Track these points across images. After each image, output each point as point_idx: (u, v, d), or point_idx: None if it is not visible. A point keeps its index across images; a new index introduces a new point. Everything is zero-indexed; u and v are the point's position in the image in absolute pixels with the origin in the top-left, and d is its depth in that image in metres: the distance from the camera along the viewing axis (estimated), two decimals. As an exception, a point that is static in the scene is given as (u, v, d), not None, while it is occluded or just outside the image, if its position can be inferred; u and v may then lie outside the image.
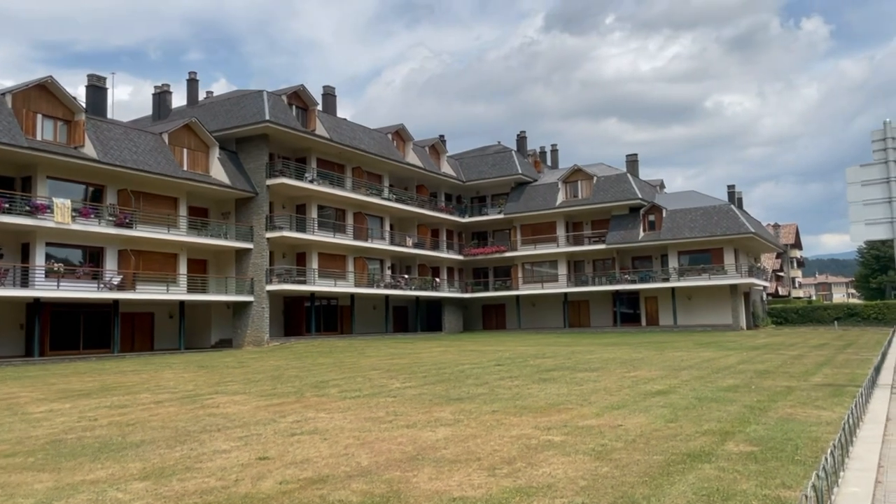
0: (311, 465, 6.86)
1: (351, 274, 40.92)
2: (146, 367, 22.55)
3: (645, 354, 21.33)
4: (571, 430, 8.34)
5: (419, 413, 10.06)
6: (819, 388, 11.85)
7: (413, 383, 14.38)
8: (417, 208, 46.68)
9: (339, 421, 9.57)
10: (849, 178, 11.69)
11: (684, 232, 43.63)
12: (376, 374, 16.73)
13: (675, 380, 13.81)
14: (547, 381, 14.21)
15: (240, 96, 37.93)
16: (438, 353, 24.32)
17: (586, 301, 48.44)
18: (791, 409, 9.65)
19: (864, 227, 11.55)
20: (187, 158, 34.12)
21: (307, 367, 19.83)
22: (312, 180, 38.19)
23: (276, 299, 38.91)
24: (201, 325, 36.87)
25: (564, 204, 48.19)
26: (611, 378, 14.48)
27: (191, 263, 35.04)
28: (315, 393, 13.14)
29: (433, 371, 17.15)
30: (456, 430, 8.50)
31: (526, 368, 17.26)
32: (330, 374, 17.42)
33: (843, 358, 18.78)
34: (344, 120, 43.00)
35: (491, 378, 14.99)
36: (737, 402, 10.41)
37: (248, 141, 36.53)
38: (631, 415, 9.39)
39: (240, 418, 10.16)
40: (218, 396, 13.10)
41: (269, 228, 35.88)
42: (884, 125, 11.37)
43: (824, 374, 14.51)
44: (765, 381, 13.33)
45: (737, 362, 17.77)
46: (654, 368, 16.50)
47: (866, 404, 9.30)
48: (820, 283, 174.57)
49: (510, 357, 21.31)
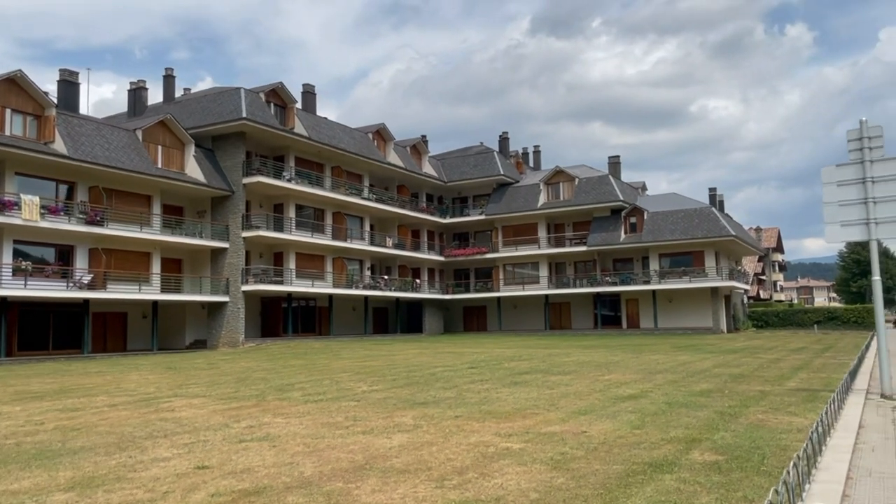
0: (251, 475, 6.44)
1: (329, 274, 40.42)
2: (113, 368, 21.97)
3: (621, 357, 21.05)
4: (533, 436, 7.97)
5: (380, 418, 9.66)
6: (793, 393, 11.58)
7: (380, 386, 13.97)
8: (398, 209, 46.26)
9: (295, 426, 9.15)
10: (824, 178, 11.43)
11: (665, 234, 43.52)
12: (345, 377, 16.30)
13: (649, 384, 13.51)
14: (518, 384, 13.86)
15: (217, 93, 37.36)
16: (413, 356, 23.92)
17: (567, 303, 48.23)
18: (762, 414, 9.35)
19: (840, 228, 11.29)
20: (162, 156, 33.50)
21: (277, 370, 19.36)
22: (290, 179, 37.68)
23: (253, 300, 38.34)
24: (176, 326, 36.25)
25: (546, 205, 47.96)
26: (583, 382, 14.15)
27: (165, 263, 34.43)
28: (277, 396, 12.70)
29: (404, 374, 16.75)
30: (413, 437, 8.11)
31: (499, 371, 16.91)
32: (298, 376, 16.97)
33: (821, 362, 18.59)
34: (324, 118, 42.51)
35: (461, 381, 14.61)
36: (708, 407, 10.10)
37: (225, 139, 35.96)
38: (597, 420, 9.05)
39: (192, 423, 9.71)
40: (176, 400, 12.62)
41: (246, 228, 35.32)
42: (860, 124, 11.13)
43: (800, 378, 14.27)
44: (739, 385, 13.06)
45: (713, 366, 17.51)
46: (629, 372, 16.20)
47: (839, 410, 9.02)
48: (802, 287, 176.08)
49: (485, 360, 20.95)
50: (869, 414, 9.31)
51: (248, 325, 37.45)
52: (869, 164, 11.01)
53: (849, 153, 11.26)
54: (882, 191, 10.95)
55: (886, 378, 10.88)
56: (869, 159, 11.01)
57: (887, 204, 10.91)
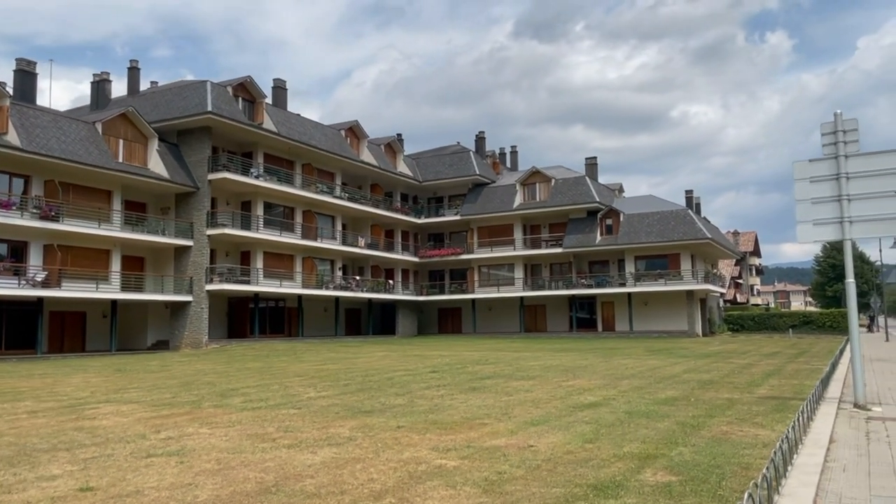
0: (137, 499, 5.60)
1: (299, 274, 39.44)
2: (60, 369, 20.90)
3: (591, 362, 20.37)
4: (473, 451, 7.20)
5: (314, 429, 8.84)
6: (762, 402, 10.92)
7: (330, 392, 13.14)
8: (372, 208, 45.39)
9: (217, 438, 8.30)
10: (796, 173, 10.77)
11: (641, 237, 43.05)
12: (297, 382, 15.44)
13: (613, 390, 12.80)
14: (476, 390, 13.09)
15: (182, 86, 36.28)
16: (378, 359, 23.08)
17: (543, 306, 47.61)
18: (727, 426, 8.65)
19: (812, 227, 10.64)
20: (123, 150, 32.35)
21: (230, 373, 18.44)
22: (258, 176, 36.68)
23: (220, 300, 37.30)
24: (137, 326, 35.09)
25: (522, 206, 47.33)
26: (545, 388, 13.42)
27: (126, 261, 33.29)
28: (215, 403, 11.83)
29: (360, 378, 15.92)
30: (340, 452, 7.30)
31: (461, 376, 16.14)
32: (249, 380, 16.08)
33: (793, 368, 18.03)
34: (295, 115, 41.52)
35: (417, 387, 13.82)
36: (670, 417, 9.39)
37: (190, 133, 34.88)
38: (549, 432, 8.29)
39: (106, 434, 8.82)
40: (105, 406, 11.70)
41: (211, 225, 34.26)
42: (834, 116, 10.48)
43: (771, 385, 13.64)
44: (707, 392, 12.39)
45: (683, 371, 16.87)
46: (595, 377, 15.50)
47: (809, 422, 8.35)
48: (779, 291, 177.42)
49: (450, 363, 20.18)
50: (841, 426, 8.65)
51: (213, 325, 36.39)
52: (843, 160, 10.37)
53: (822, 148, 10.62)
54: (857, 188, 10.31)
55: (860, 386, 10.24)
56: (843, 154, 10.36)
57: (862, 202, 10.27)
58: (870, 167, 10.25)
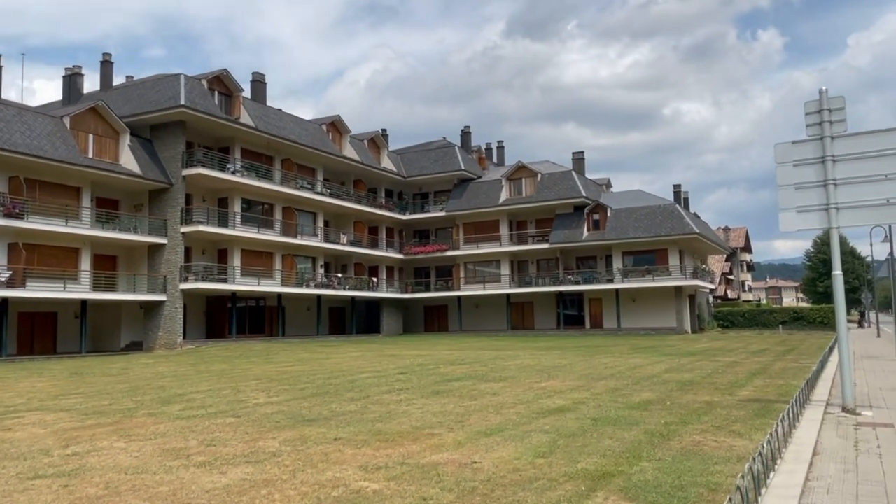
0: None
1: (278, 272, 38.44)
2: (15, 373, 19.92)
3: (571, 361, 19.50)
4: (406, 470, 6.29)
5: (241, 443, 7.92)
6: (743, 405, 10.05)
7: (282, 397, 12.21)
8: (355, 204, 44.43)
9: (126, 455, 7.38)
10: (778, 156, 9.89)
11: (629, 232, 42.22)
12: (253, 385, 14.51)
13: (586, 393, 11.93)
14: (439, 394, 12.19)
15: (155, 80, 35.24)
16: (350, 359, 22.16)
17: (530, 303, 46.75)
18: (701, 435, 7.77)
19: (796, 214, 9.76)
20: (93, 145, 31.32)
21: (189, 376, 17.49)
22: (235, 171, 35.67)
23: (197, 299, 36.32)
24: (111, 327, 34.06)
25: (508, 202, 46.45)
26: (515, 390, 12.54)
27: (98, 259, 32.24)
28: (152, 411, 10.89)
29: (321, 381, 15.00)
30: (254, 472, 6.38)
31: (429, 378, 15.24)
32: (203, 384, 15.14)
33: (781, 366, 17.19)
34: (275, 109, 40.51)
35: (377, 391, 12.91)
36: (640, 424, 8.51)
37: (164, 128, 33.83)
38: (500, 444, 7.40)
39: (10, 448, 7.89)
40: (32, 415, 10.75)
41: (185, 222, 33.25)
42: (819, 94, 9.60)
43: (755, 386, 12.79)
44: (685, 394, 11.52)
45: (664, 371, 16.01)
46: (571, 378, 14.62)
47: (792, 430, 7.48)
48: (770, 287, 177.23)
49: (423, 364, 19.27)
50: (827, 434, 7.78)
51: (191, 326, 35.44)
52: (829, 141, 9.49)
53: (806, 128, 9.73)
54: (844, 171, 9.44)
55: (848, 389, 9.38)
56: (829, 135, 9.49)
57: (850, 187, 9.40)
58: (858, 149, 9.38)
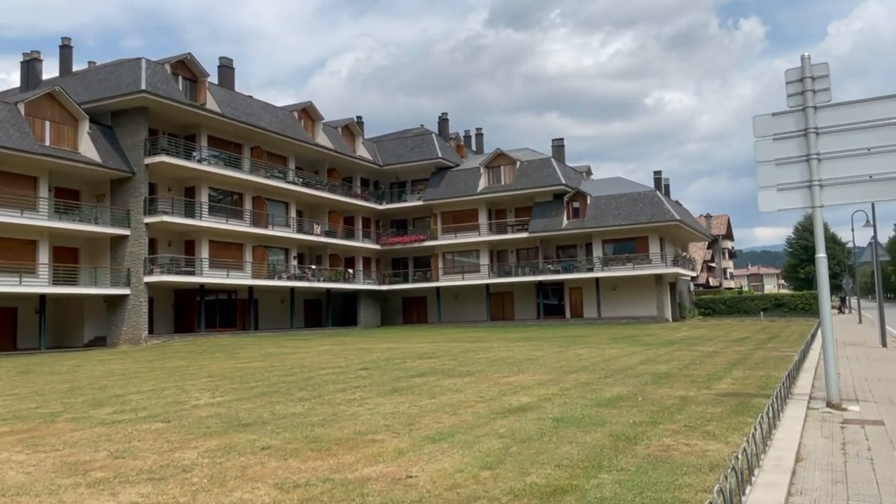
0: None
1: (249, 264, 37.35)
2: (-41, 373, 18.76)
3: (545, 352, 18.70)
4: (328, 488, 5.41)
5: (155, 454, 6.99)
6: (720, 401, 9.26)
7: (225, 398, 11.28)
8: (329, 193, 43.35)
9: (18, 470, 6.44)
10: (757, 129, 9.06)
11: (609, 219, 41.52)
12: (202, 384, 13.55)
13: (554, 388, 11.10)
14: (398, 391, 11.32)
15: (116, 65, 33.92)
16: (316, 354, 21.22)
17: (510, 293, 45.99)
18: (671, 437, 6.95)
19: (776, 193, 8.95)
20: (50, 132, 30.02)
21: (139, 374, 16.49)
22: (201, 160, 34.47)
23: (166, 293, 35.22)
24: (74, 322, 32.86)
25: (486, 190, 45.57)
26: (480, 386, 11.69)
27: (58, 252, 31.03)
28: (78, 415, 9.92)
29: (275, 378, 14.07)
30: (151, 494, 5.46)
31: (393, 373, 14.36)
32: (149, 383, 14.15)
33: (761, 355, 16.49)
34: (243, 95, 39.26)
35: (332, 389, 12.02)
36: (606, 425, 7.68)
37: (125, 114, 32.54)
38: (446, 453, 6.53)
39: None
40: (-57, 421, 9.74)
41: (149, 212, 32.06)
42: (801, 60, 8.78)
43: (733, 378, 12.02)
44: (660, 388, 10.73)
45: (639, 362, 15.24)
46: (542, 371, 13.81)
47: (772, 430, 6.68)
48: (752, 274, 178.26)
49: (390, 358, 18.38)
50: (811, 435, 6.99)
51: (159, 320, 34.36)
52: (812, 112, 8.67)
53: (787, 98, 8.90)
54: (829, 145, 8.63)
55: (833, 382, 8.61)
56: (812, 105, 8.67)
57: (835, 161, 8.60)
58: (843, 120, 8.58)
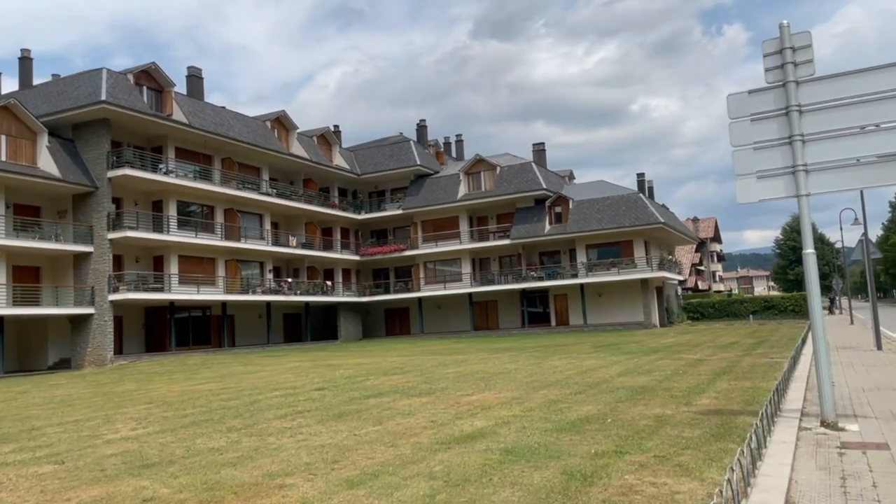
0: None
1: (221, 279, 36.04)
2: None
3: (519, 365, 17.53)
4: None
5: (14, 509, 5.77)
6: (699, 422, 8.11)
7: (148, 429, 10.04)
8: (305, 204, 42.15)
9: None
10: (732, 110, 7.95)
11: (592, 224, 40.49)
12: (133, 412, 12.30)
13: (517, 408, 9.93)
14: (342, 417, 10.12)
15: (77, 76, 32.68)
16: (281, 372, 19.97)
17: (494, 301, 44.85)
18: (636, 473, 5.78)
19: (756, 182, 7.84)
20: (6, 146, 28.75)
21: (79, 401, 15.20)
22: (168, 172, 33.21)
23: (136, 311, 33.90)
24: (37, 344, 31.46)
25: (467, 197, 44.50)
26: (436, 407, 10.52)
27: (17, 271, 29.66)
28: (-31, 455, 8.66)
29: (216, 404, 12.84)
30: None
31: (347, 394, 13.15)
32: (79, 413, 12.89)
33: (749, 363, 15.38)
34: (213, 105, 38.06)
35: (271, 415, 10.80)
36: (562, 457, 6.51)
37: (86, 127, 31.30)
38: (361, 502, 5.34)
39: None
40: None
41: (113, 228, 30.75)
42: (780, 30, 7.69)
43: (717, 391, 10.88)
44: (634, 406, 9.57)
45: (618, 374, 14.09)
46: (510, 387, 12.63)
47: (757, 462, 5.52)
48: (741, 277, 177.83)
49: (353, 375, 17.16)
50: (804, 467, 5.84)
51: (129, 339, 33.05)
52: (794, 87, 7.58)
53: (765, 73, 7.81)
54: (814, 124, 7.54)
55: (828, 398, 7.47)
56: (794, 79, 7.58)
57: (822, 143, 7.50)
58: (829, 95, 7.49)
